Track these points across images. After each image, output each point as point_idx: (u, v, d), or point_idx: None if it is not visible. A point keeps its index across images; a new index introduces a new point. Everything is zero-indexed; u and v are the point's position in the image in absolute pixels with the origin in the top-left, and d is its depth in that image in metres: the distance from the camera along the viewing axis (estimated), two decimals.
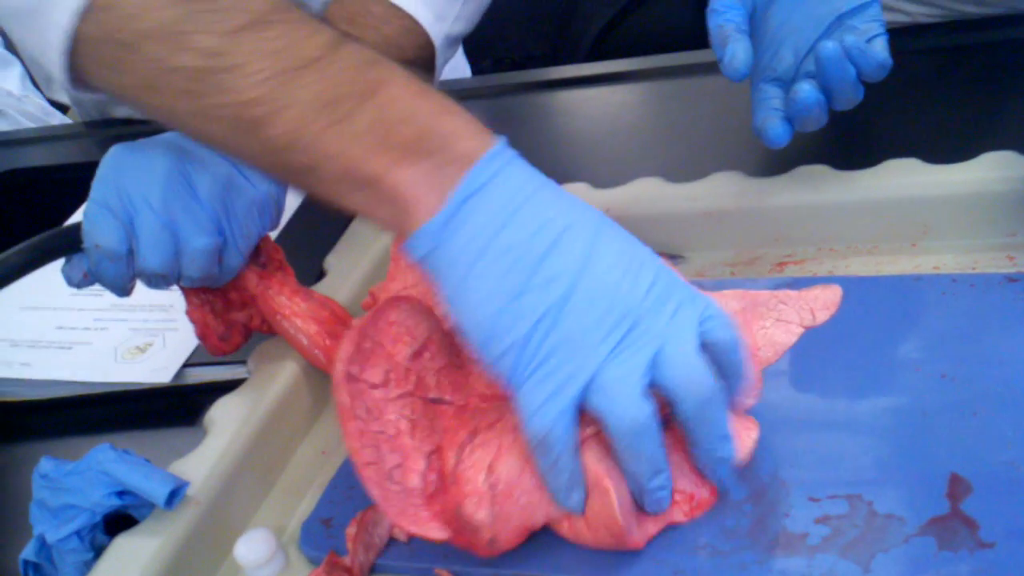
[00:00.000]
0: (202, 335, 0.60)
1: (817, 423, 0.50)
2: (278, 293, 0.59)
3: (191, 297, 0.59)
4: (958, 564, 0.41)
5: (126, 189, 0.52)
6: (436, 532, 0.46)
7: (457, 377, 0.50)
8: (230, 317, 0.60)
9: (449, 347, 0.51)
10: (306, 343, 0.59)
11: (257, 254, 0.59)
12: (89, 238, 0.52)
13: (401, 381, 0.48)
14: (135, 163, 0.52)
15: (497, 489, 0.45)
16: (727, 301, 0.58)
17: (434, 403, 0.49)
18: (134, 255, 0.52)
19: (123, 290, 0.55)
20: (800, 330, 0.56)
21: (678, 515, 0.46)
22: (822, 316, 0.57)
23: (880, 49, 0.58)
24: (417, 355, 0.49)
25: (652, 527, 0.46)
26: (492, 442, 0.46)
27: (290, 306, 0.59)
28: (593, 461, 0.44)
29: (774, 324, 0.57)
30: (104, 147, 0.55)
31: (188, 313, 0.60)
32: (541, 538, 0.47)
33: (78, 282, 0.55)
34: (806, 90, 0.59)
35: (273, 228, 0.58)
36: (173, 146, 0.53)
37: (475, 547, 0.45)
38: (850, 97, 0.60)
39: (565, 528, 0.46)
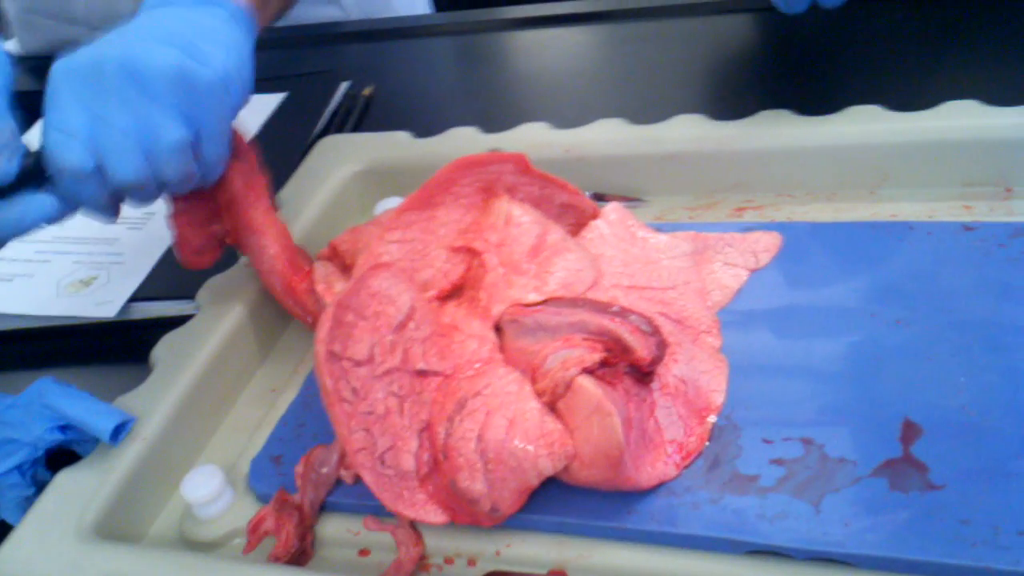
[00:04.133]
0: (178, 245, 0.57)
1: (773, 367, 0.50)
2: (255, 202, 0.56)
3: (176, 202, 0.56)
4: (908, 505, 0.42)
5: (76, 104, 0.49)
6: (434, 516, 0.45)
7: (442, 345, 0.48)
8: (210, 229, 0.57)
9: (432, 314, 0.49)
10: (270, 265, 0.57)
11: (234, 151, 0.55)
12: (52, 164, 0.49)
13: (386, 356, 0.46)
14: (78, 76, 0.49)
15: (488, 456, 0.44)
16: (679, 242, 0.57)
17: (421, 375, 0.47)
18: (104, 171, 0.49)
19: (107, 212, 0.52)
20: (746, 273, 0.56)
21: (671, 469, 0.45)
22: (764, 259, 0.57)
23: None
24: (401, 326, 0.47)
25: (646, 479, 0.45)
26: (480, 410, 0.45)
27: (263, 222, 0.56)
28: (592, 387, 0.44)
29: (722, 268, 0.57)
30: (41, 76, 0.52)
31: (169, 218, 0.56)
32: None
33: (61, 213, 0.51)
34: None
35: (243, 105, 0.54)
36: (110, 50, 0.50)
37: (478, 520, 0.44)
38: None
39: (563, 472, 0.45)
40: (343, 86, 0.89)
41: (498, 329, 0.49)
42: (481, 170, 0.54)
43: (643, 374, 0.46)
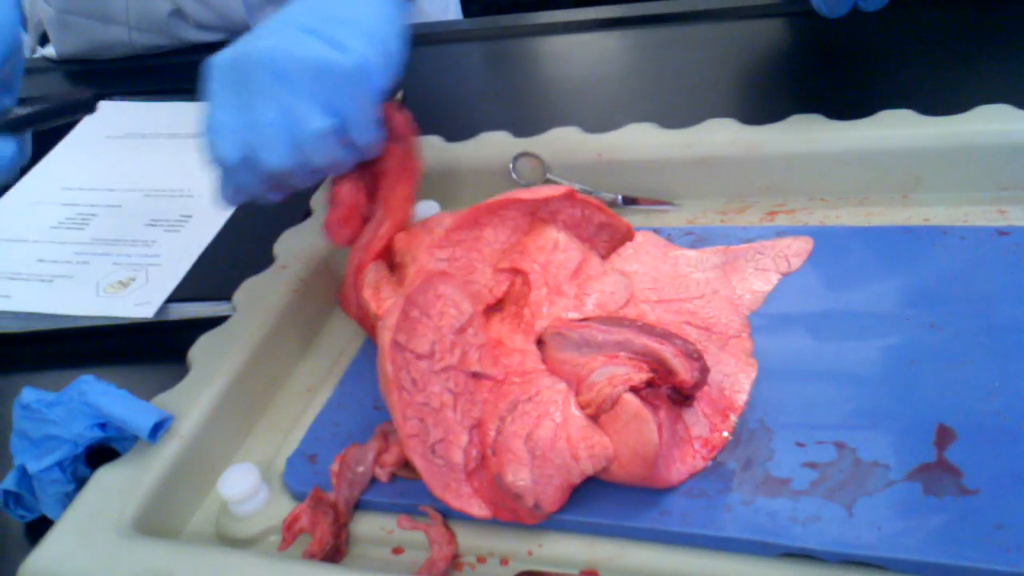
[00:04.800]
0: (343, 218, 0.57)
1: (806, 370, 0.51)
2: (398, 185, 0.58)
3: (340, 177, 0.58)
4: (942, 509, 0.42)
5: (226, 99, 0.52)
6: (478, 509, 0.46)
7: (496, 354, 0.50)
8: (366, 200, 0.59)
9: (484, 326, 0.51)
10: (367, 241, 0.58)
11: (393, 132, 0.57)
12: (208, 155, 0.52)
13: (446, 354, 0.48)
14: (226, 72, 0.52)
15: (536, 453, 0.45)
16: (709, 256, 0.58)
17: (475, 377, 0.49)
18: (254, 161, 0.52)
19: (269, 196, 0.55)
20: (777, 277, 0.57)
21: (699, 462, 0.47)
22: (796, 263, 0.57)
23: None
24: (462, 330, 0.49)
25: (676, 475, 0.46)
26: (531, 413, 0.47)
27: (395, 204, 0.58)
28: (631, 398, 0.45)
29: (753, 273, 0.57)
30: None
31: (334, 192, 0.58)
32: None
33: (232, 198, 0.55)
34: None
35: (395, 88, 0.56)
36: (256, 44, 0.52)
37: (520, 516, 0.45)
38: None
39: (601, 471, 0.46)
40: None
41: (539, 342, 0.51)
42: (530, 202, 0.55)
43: (684, 397, 0.47)
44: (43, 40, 1.21)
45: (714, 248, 0.59)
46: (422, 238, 0.57)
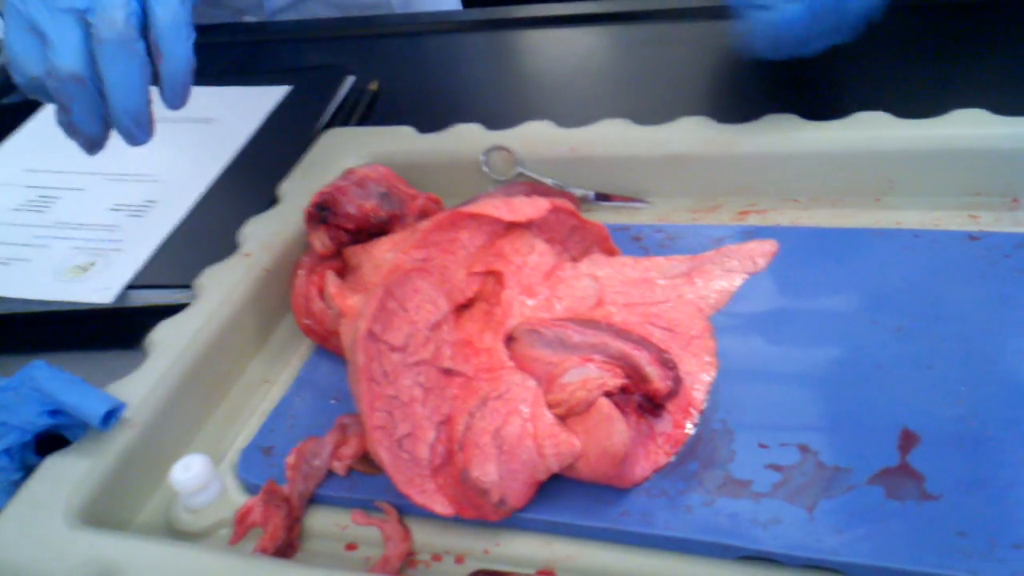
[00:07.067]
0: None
1: (770, 372, 0.50)
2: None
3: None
4: (904, 514, 0.41)
5: None
6: (441, 506, 0.45)
7: (469, 353, 0.50)
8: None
9: (460, 327, 0.51)
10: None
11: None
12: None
13: (420, 348, 0.48)
14: None
15: (503, 448, 0.45)
16: (676, 264, 0.57)
17: (447, 373, 0.48)
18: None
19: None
20: (742, 277, 0.56)
21: (663, 457, 0.46)
22: (762, 263, 0.57)
23: None
24: (437, 326, 0.49)
25: (640, 472, 0.45)
26: (500, 409, 0.46)
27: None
28: (605, 402, 0.45)
29: (720, 274, 0.57)
30: None
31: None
32: None
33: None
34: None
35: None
36: None
37: (484, 513, 0.44)
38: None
39: (566, 468, 0.46)
40: (348, 80, 0.88)
41: (509, 340, 0.50)
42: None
43: (655, 406, 0.47)
44: None
45: (682, 256, 0.59)
46: (375, 241, 0.58)
